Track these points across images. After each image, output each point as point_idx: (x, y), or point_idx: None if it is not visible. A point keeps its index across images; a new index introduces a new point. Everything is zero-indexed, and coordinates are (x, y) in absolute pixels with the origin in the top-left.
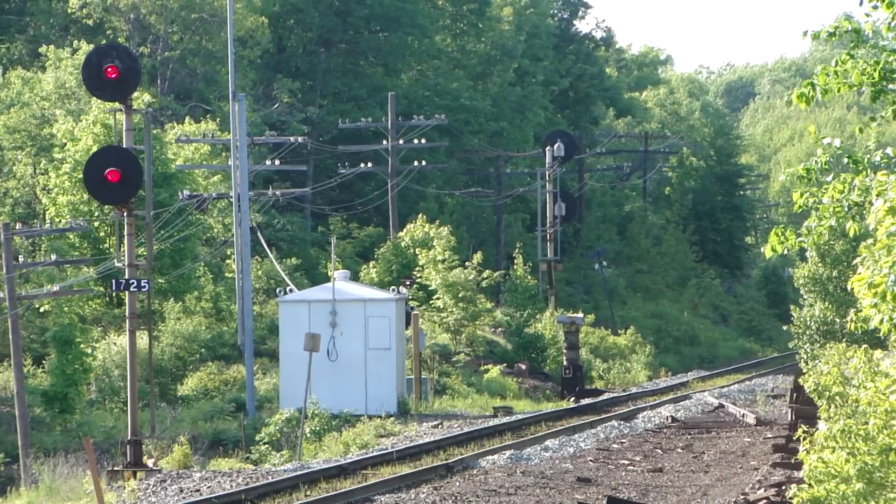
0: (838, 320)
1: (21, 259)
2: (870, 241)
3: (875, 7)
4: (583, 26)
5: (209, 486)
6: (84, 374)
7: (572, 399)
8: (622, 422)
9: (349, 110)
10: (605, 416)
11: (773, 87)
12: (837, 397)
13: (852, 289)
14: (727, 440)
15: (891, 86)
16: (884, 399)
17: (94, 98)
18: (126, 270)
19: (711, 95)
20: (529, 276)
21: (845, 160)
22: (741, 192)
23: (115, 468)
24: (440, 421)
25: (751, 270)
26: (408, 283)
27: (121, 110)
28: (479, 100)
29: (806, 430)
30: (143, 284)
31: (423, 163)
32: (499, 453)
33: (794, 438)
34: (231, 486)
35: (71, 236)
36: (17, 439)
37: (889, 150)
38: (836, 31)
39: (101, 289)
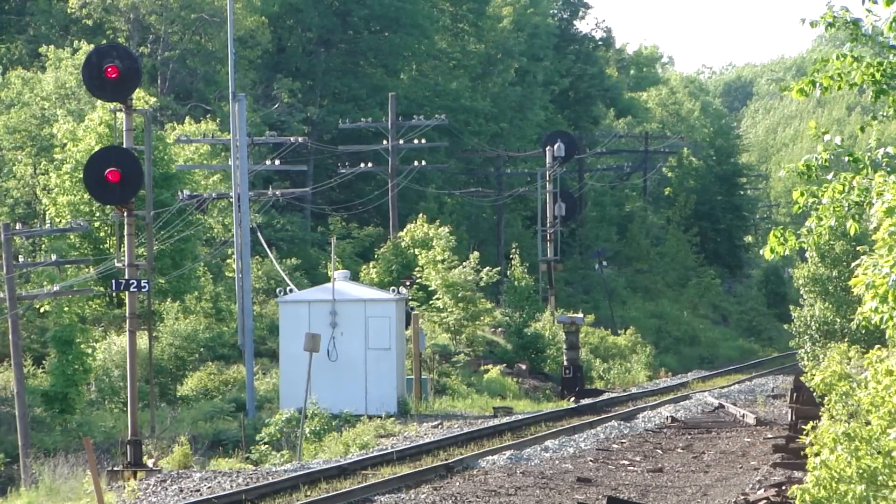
0: (838, 320)
1: (21, 259)
2: (871, 239)
3: (874, 1)
4: (583, 26)
5: (209, 486)
6: (84, 374)
7: (572, 399)
8: (622, 422)
9: (349, 110)
10: (605, 416)
11: (773, 86)
12: (844, 396)
13: (852, 290)
14: (727, 440)
15: (892, 82)
16: (887, 400)
17: (95, 98)
18: (126, 270)
19: (711, 95)
20: (527, 276)
21: (846, 158)
22: (741, 192)
23: (115, 468)
24: (440, 421)
25: (751, 270)
26: (408, 283)
27: (121, 110)
28: (479, 100)
29: (813, 426)
30: (143, 284)
31: (423, 163)
32: (499, 453)
33: (802, 435)
34: (231, 487)
35: (71, 236)
36: (17, 439)
37: (890, 149)
38: (835, 22)
39: (102, 289)
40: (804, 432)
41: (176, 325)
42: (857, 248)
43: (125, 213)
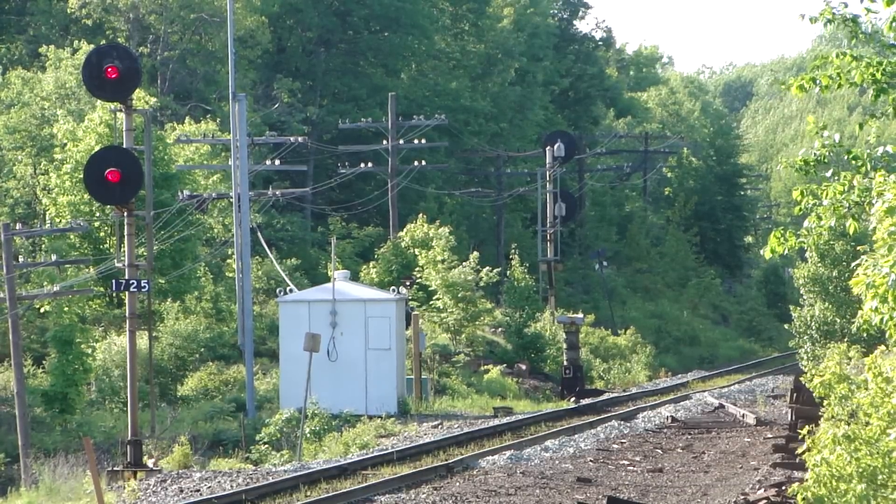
0: (838, 320)
1: (21, 259)
2: (871, 240)
3: (873, 0)
4: (583, 26)
5: (209, 486)
6: (84, 374)
7: (572, 399)
8: (622, 422)
9: (349, 110)
10: (605, 416)
11: (774, 85)
12: (843, 399)
13: (852, 290)
14: (727, 440)
15: (892, 81)
16: (886, 401)
17: (95, 98)
18: (126, 271)
19: (711, 95)
20: (527, 276)
21: (845, 157)
22: (741, 192)
23: (116, 468)
24: (440, 421)
25: (751, 270)
26: (408, 283)
27: (121, 110)
28: (479, 100)
29: (811, 429)
30: (143, 285)
31: (423, 163)
32: (499, 454)
33: (799, 437)
34: (231, 487)
35: (71, 236)
36: (17, 439)
37: (889, 148)
38: (834, 19)
39: (102, 289)
40: (800, 441)
41: (176, 325)
42: (857, 248)
43: (125, 213)
